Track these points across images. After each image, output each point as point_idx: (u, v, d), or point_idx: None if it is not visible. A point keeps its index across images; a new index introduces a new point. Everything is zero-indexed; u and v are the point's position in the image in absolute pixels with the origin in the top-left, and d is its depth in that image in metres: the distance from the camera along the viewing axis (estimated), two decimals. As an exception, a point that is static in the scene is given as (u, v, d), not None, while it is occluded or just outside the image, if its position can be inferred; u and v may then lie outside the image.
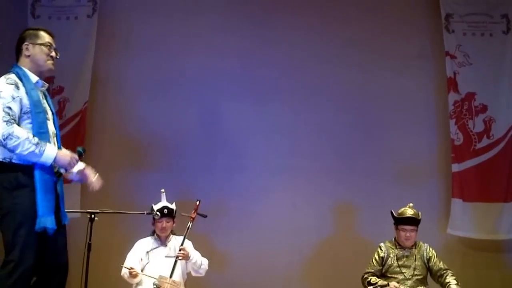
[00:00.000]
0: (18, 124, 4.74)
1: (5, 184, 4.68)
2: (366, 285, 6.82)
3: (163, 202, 6.98)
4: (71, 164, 4.82)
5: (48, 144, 4.77)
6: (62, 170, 4.87)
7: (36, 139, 4.70)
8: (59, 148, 4.98)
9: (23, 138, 4.65)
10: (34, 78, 4.97)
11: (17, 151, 4.65)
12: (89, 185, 5.15)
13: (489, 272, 8.46)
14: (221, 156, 8.72)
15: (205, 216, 6.98)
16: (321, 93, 8.85)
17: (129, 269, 6.61)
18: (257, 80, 8.86)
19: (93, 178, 5.13)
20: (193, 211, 6.91)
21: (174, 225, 7.03)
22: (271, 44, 8.87)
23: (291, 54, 8.88)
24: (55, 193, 4.80)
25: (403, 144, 8.76)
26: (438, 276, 6.91)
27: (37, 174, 4.69)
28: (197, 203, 6.95)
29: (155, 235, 7.00)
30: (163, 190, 7.02)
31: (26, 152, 4.65)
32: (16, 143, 4.64)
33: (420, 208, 7.22)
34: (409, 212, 7.00)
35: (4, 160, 4.73)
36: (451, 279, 6.78)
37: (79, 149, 5.03)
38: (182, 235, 6.90)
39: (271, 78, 8.84)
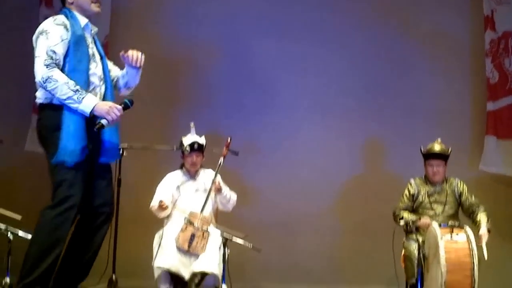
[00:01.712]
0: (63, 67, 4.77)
1: (47, 124, 4.79)
2: (398, 220, 6.82)
3: (193, 136, 6.92)
4: (110, 114, 4.73)
5: (89, 94, 4.76)
6: (103, 122, 4.77)
7: (76, 86, 4.69)
8: (109, 92, 5.00)
9: (61, 83, 4.66)
10: (83, 20, 4.98)
11: (56, 95, 4.68)
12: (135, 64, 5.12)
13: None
14: (252, 93, 8.68)
15: (236, 154, 6.95)
16: (353, 31, 8.75)
17: (159, 202, 6.64)
18: (289, 18, 8.75)
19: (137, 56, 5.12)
20: (225, 147, 6.89)
21: (204, 159, 7.01)
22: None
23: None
24: (85, 131, 4.76)
25: (436, 82, 8.66)
26: (470, 212, 6.90)
27: (65, 112, 4.71)
28: (228, 139, 6.91)
29: (184, 168, 6.98)
30: (192, 124, 6.97)
31: (64, 97, 4.66)
32: (54, 86, 4.66)
33: (453, 145, 7.17)
34: (436, 147, 6.99)
35: (44, 101, 4.81)
36: (482, 216, 6.77)
37: (126, 100, 4.93)
38: (211, 169, 6.91)
39: (304, 16, 8.74)
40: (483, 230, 6.59)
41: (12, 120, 8.24)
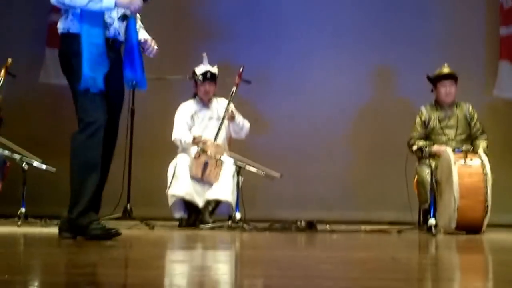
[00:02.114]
0: None
1: (67, 51, 4.86)
2: (413, 149, 6.83)
3: (206, 66, 6.94)
4: (133, 4, 4.83)
5: None
6: (127, 12, 4.89)
7: None
8: None
9: None
10: None
11: (77, 5, 4.73)
12: (148, 53, 5.18)
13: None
14: (264, 21, 8.63)
15: (249, 82, 6.98)
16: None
17: (194, 137, 6.68)
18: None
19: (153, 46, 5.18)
20: (237, 77, 6.90)
21: (216, 88, 7.02)
22: None
23: None
24: (106, 57, 4.81)
25: (450, 7, 8.60)
26: (473, 137, 6.92)
27: (83, 38, 4.76)
28: (241, 69, 6.92)
29: (197, 97, 7.01)
30: (205, 54, 6.98)
31: (85, 3, 4.72)
32: None
33: (467, 70, 7.33)
34: (445, 69, 7.02)
35: (63, 31, 4.87)
36: (481, 142, 6.82)
37: None
38: (224, 98, 6.94)
39: None
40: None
41: (24, 55, 8.21)
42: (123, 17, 4.89)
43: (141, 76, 5.10)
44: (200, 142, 6.62)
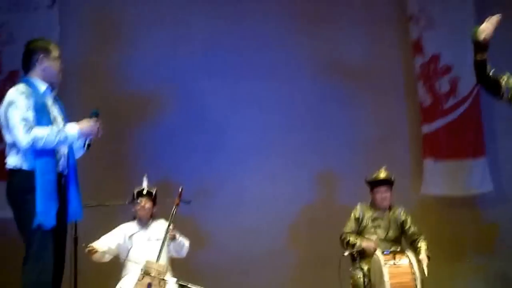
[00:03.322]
0: None
1: (17, 189, 4.99)
2: (345, 245, 7.18)
3: (144, 186, 7.28)
4: (94, 130, 5.12)
5: (66, 125, 5.10)
6: (88, 141, 5.18)
7: (55, 128, 5.00)
8: (71, 150, 5.23)
9: (46, 135, 4.92)
10: (43, 86, 5.21)
11: (48, 147, 4.93)
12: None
13: (464, 228, 8.78)
14: (201, 137, 8.92)
15: (189, 203, 7.26)
16: (292, 66, 9.09)
17: (87, 246, 6.89)
18: (236, 58, 9.07)
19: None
20: (177, 197, 7.17)
21: (155, 209, 7.32)
22: (242, 20, 9.09)
23: (262, 29, 9.11)
24: (57, 193, 4.98)
25: (374, 111, 9.04)
26: (411, 241, 7.30)
27: (38, 175, 4.92)
28: (180, 189, 7.20)
29: (136, 219, 7.29)
30: (145, 176, 7.31)
31: (55, 144, 4.96)
32: (43, 142, 4.91)
33: (394, 171, 7.55)
34: (382, 174, 7.41)
35: (15, 168, 5.02)
36: (422, 244, 7.19)
37: (94, 112, 5.22)
38: (163, 219, 7.22)
39: (245, 54, 9.06)
40: (423, 256, 6.99)
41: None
42: (89, 146, 5.17)
43: (77, 206, 5.23)
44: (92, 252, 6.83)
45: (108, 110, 8.44)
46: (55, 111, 5.26)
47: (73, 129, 5.08)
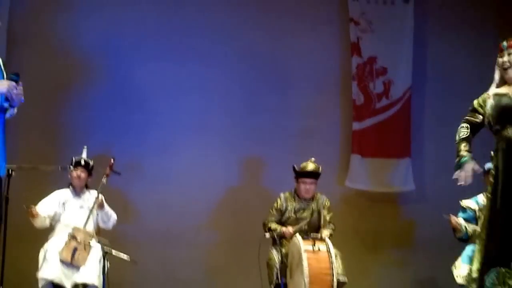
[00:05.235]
0: None
1: None
2: (267, 230, 7.45)
3: (83, 156, 7.50)
4: (11, 89, 4.98)
5: None
6: (5, 105, 5.05)
7: None
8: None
9: None
10: None
11: None
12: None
13: (384, 222, 9.16)
14: (137, 114, 9.08)
15: (119, 174, 7.56)
16: (231, 53, 9.30)
17: (29, 207, 7.12)
18: (173, 40, 9.25)
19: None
20: (108, 168, 7.47)
21: (90, 179, 7.53)
22: (182, 5, 9.30)
23: (201, 15, 9.30)
24: None
25: (309, 103, 9.33)
26: (321, 226, 7.51)
27: None
28: (111, 160, 7.50)
29: (70, 187, 7.50)
30: (85, 147, 7.56)
31: None
32: None
33: (322, 162, 7.79)
34: (310, 166, 7.60)
35: None
36: (325, 231, 7.42)
37: (12, 75, 5.12)
38: (95, 190, 7.44)
39: (184, 38, 9.24)
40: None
41: None
42: (5, 110, 5.07)
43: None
44: (34, 214, 7.08)
45: (53, 77, 8.77)
46: None
47: None
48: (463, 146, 5.34)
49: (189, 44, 9.25)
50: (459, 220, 7.18)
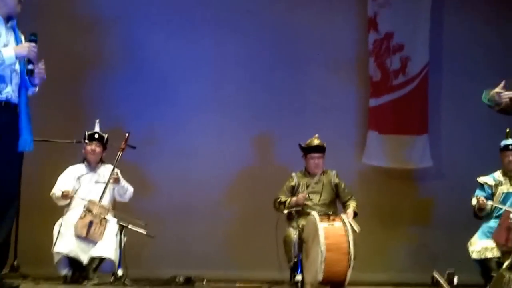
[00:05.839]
0: None
1: None
2: (277, 204, 7.46)
3: (96, 129, 7.44)
4: (31, 52, 5.14)
5: (2, 49, 5.12)
6: (29, 67, 5.18)
7: None
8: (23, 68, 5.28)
9: None
10: None
11: None
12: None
13: (401, 198, 9.15)
14: (153, 87, 9.09)
15: (134, 148, 7.53)
16: (247, 30, 9.29)
17: (62, 192, 7.10)
18: (188, 16, 9.25)
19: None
20: (123, 142, 7.43)
21: (104, 153, 7.48)
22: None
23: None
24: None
25: (324, 79, 9.27)
26: (344, 201, 7.54)
27: None
28: (127, 135, 7.46)
29: (85, 161, 7.44)
30: (97, 121, 7.48)
31: None
32: None
33: (339, 139, 7.95)
34: (315, 141, 7.61)
35: None
36: (351, 203, 7.46)
37: (30, 36, 5.28)
38: (110, 164, 7.39)
39: (200, 13, 9.25)
40: (350, 211, 7.31)
41: None
42: (31, 73, 5.18)
43: (28, 137, 5.28)
44: (68, 196, 7.09)
45: (70, 52, 8.73)
46: (9, 39, 5.31)
47: (9, 51, 5.15)
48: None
49: (205, 20, 9.23)
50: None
